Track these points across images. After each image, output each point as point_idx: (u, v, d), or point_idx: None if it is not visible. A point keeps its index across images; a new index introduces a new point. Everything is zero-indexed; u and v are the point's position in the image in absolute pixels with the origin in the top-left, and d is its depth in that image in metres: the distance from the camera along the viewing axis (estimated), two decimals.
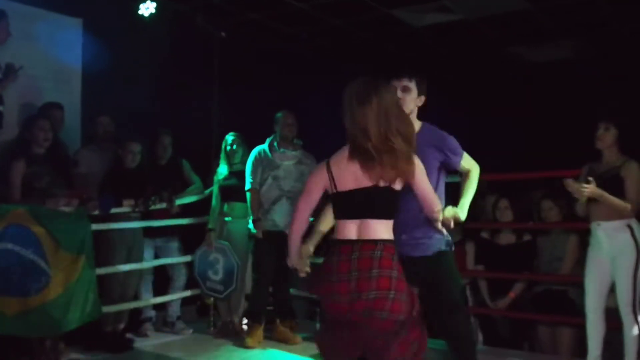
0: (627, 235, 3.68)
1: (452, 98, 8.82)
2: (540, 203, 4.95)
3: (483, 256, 5.05)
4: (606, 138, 3.82)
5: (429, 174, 2.77)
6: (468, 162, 3.26)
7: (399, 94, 3.01)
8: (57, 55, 5.10)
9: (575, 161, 4.14)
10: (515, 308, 4.87)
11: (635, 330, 3.65)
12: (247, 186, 4.86)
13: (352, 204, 2.52)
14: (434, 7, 6.32)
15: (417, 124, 3.13)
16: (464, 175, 3.28)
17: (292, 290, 5.20)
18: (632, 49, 6.98)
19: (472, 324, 5.05)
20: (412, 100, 3.12)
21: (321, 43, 7.50)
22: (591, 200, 3.79)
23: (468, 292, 5.13)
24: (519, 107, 8.23)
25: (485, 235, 5.13)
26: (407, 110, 2.95)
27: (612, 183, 3.72)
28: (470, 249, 5.13)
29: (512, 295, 4.84)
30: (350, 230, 2.51)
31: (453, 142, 3.21)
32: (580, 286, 4.09)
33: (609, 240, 3.74)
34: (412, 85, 3.14)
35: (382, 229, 2.50)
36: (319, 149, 4.86)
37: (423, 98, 3.20)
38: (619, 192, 3.70)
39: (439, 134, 3.21)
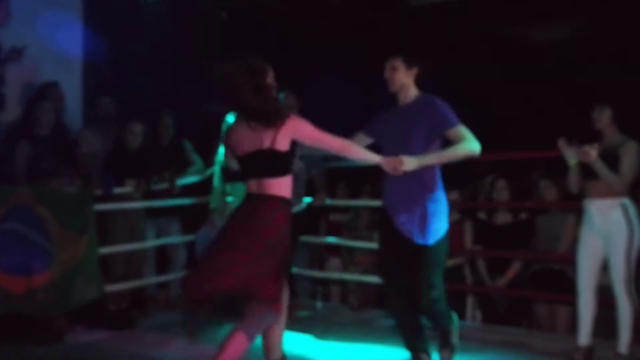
0: (619, 213, 3.71)
1: (451, 78, 8.82)
2: (538, 182, 4.98)
3: (480, 236, 5.10)
4: (602, 118, 3.84)
5: (415, 143, 3.19)
6: (462, 134, 3.25)
7: (388, 73, 3.37)
8: (57, 37, 5.10)
9: (575, 140, 4.15)
10: (514, 286, 4.93)
11: (629, 308, 3.70)
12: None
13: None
14: None
15: (413, 94, 3.40)
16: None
17: (293, 269, 5.26)
18: (632, 26, 6.94)
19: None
20: (400, 77, 3.36)
21: (323, 24, 7.48)
22: (587, 177, 3.82)
23: (467, 271, 5.19)
24: (519, 87, 8.23)
25: (482, 215, 5.17)
26: (396, 86, 3.36)
27: (609, 161, 3.75)
28: (468, 228, 5.17)
29: (511, 274, 4.90)
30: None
31: (443, 109, 3.28)
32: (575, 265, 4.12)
33: (601, 218, 3.77)
34: (399, 63, 3.36)
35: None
36: (321, 127, 4.89)
37: (415, 70, 3.40)
38: (615, 170, 3.73)
39: (430, 102, 3.32)
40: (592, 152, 3.67)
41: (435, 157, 3.24)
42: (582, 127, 4.01)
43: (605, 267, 3.84)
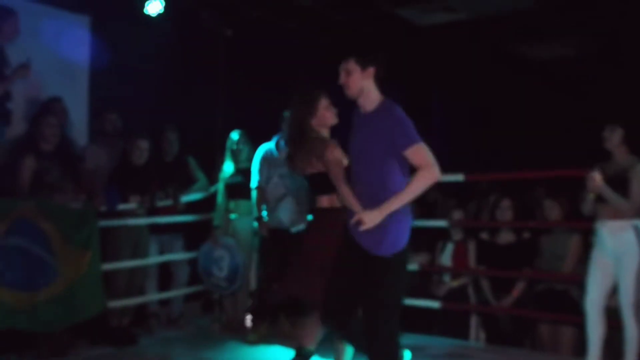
0: (631, 235, 3.70)
1: (455, 97, 8.86)
2: (542, 202, 4.97)
3: (484, 256, 5.08)
4: (613, 138, 3.84)
5: (376, 160, 3.01)
6: (418, 157, 2.96)
7: (343, 78, 3.14)
8: (64, 53, 5.13)
9: (580, 160, 4.16)
10: (517, 306, 4.91)
11: (636, 331, 3.68)
12: (254, 184, 4.90)
13: None
14: (437, 6, 6.35)
15: (375, 99, 3.12)
16: None
17: None
18: (637, 45, 6.99)
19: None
20: (356, 80, 3.11)
21: (326, 41, 7.53)
22: (598, 199, 3.82)
23: (470, 291, 5.16)
24: (522, 105, 8.26)
25: (484, 235, 5.15)
26: (353, 92, 3.11)
27: (618, 183, 3.74)
28: (471, 247, 5.16)
29: (515, 294, 4.88)
30: None
31: (405, 124, 2.99)
32: (582, 285, 4.11)
33: (613, 240, 3.76)
34: (352, 65, 3.12)
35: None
36: None
37: (372, 70, 3.12)
38: (624, 193, 3.73)
39: (392, 114, 3.04)
40: (597, 178, 3.67)
41: (397, 201, 2.93)
42: (591, 146, 4.02)
43: (614, 290, 3.83)
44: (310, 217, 3.74)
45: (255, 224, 4.93)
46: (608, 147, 3.87)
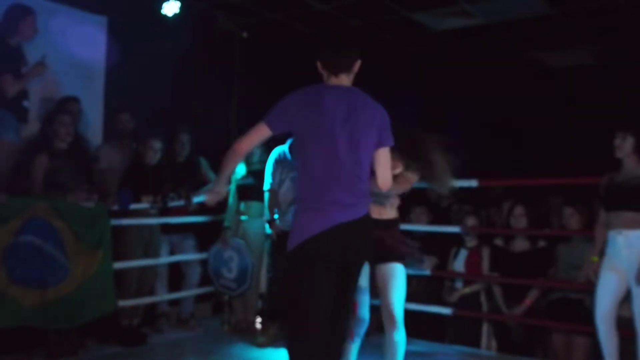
0: None
1: (471, 102, 8.81)
2: (561, 209, 4.91)
3: (497, 263, 5.03)
4: (624, 147, 3.80)
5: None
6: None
7: None
8: (81, 52, 5.16)
9: (595, 168, 4.12)
10: (530, 315, 4.85)
11: None
12: (266, 186, 4.90)
13: None
14: (454, 11, 6.32)
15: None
16: None
17: None
18: None
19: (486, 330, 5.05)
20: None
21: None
22: (611, 208, 3.77)
23: (483, 298, 5.11)
24: (539, 113, 8.19)
25: (499, 242, 5.10)
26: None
27: (634, 193, 3.69)
28: (485, 254, 5.11)
29: (528, 302, 4.82)
30: None
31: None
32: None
33: (628, 249, 3.70)
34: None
35: None
36: None
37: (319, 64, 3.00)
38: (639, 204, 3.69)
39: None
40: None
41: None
42: (608, 154, 3.98)
43: (625, 299, 3.78)
44: None
45: (267, 226, 4.92)
46: (619, 156, 3.83)
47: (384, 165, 2.89)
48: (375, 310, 3.56)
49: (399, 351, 3.35)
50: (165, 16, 5.73)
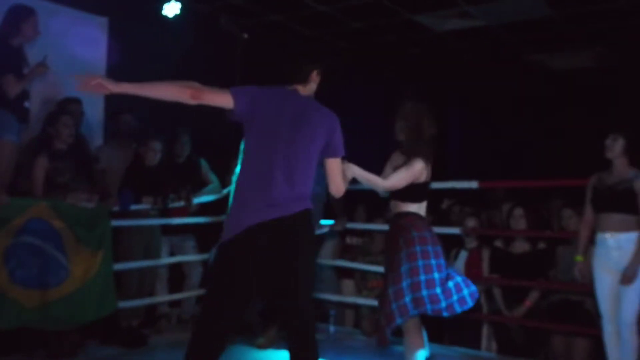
0: (636, 248, 3.67)
1: (472, 104, 8.81)
2: (560, 211, 4.91)
3: (497, 265, 5.03)
4: (614, 148, 3.82)
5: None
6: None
7: None
8: (82, 53, 5.16)
9: (594, 170, 4.12)
10: (531, 317, 4.84)
11: (634, 343, 3.64)
12: None
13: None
14: (456, 13, 6.32)
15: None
16: None
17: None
18: None
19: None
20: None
21: (343, 46, 7.52)
22: (600, 209, 3.79)
23: (483, 300, 5.11)
24: (540, 115, 8.19)
25: (499, 244, 5.11)
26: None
27: (624, 196, 3.71)
28: (485, 255, 5.11)
29: (529, 304, 4.82)
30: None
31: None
32: (595, 296, 4.06)
33: (618, 251, 3.72)
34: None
35: None
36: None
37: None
38: (631, 205, 3.70)
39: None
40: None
41: None
42: (599, 157, 3.99)
43: None
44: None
45: None
46: (609, 157, 3.84)
47: (335, 174, 2.97)
48: None
49: None
50: (166, 17, 5.74)
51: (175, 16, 5.75)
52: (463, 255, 5.17)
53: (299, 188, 2.78)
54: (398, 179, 3.52)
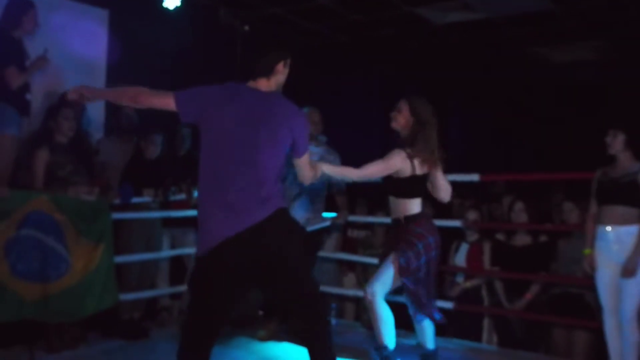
0: (636, 241, 3.66)
1: (473, 97, 8.79)
2: (561, 204, 4.91)
3: (499, 258, 5.03)
4: (615, 144, 3.82)
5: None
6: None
7: None
8: (82, 46, 5.15)
9: (595, 163, 4.12)
10: (531, 310, 4.85)
11: (636, 337, 3.64)
12: None
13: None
14: (456, 5, 6.30)
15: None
16: None
17: None
18: None
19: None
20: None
21: (343, 39, 7.50)
22: (603, 202, 3.79)
23: (484, 293, 5.12)
24: (541, 108, 8.18)
25: (500, 237, 5.11)
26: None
27: (629, 189, 3.71)
28: (487, 248, 5.11)
29: (529, 297, 4.82)
30: None
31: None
32: (596, 289, 4.07)
33: (619, 245, 3.72)
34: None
35: None
36: (339, 143, 4.88)
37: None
38: (634, 197, 3.70)
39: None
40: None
41: None
42: (600, 151, 3.99)
43: None
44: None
45: None
46: (612, 153, 3.84)
47: (303, 169, 2.99)
48: None
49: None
50: (166, 9, 5.72)
51: (176, 8, 5.73)
52: (464, 248, 5.18)
53: (264, 191, 2.66)
54: (372, 169, 3.50)
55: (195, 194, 5.09)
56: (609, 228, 3.77)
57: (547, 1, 6.05)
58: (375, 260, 5.38)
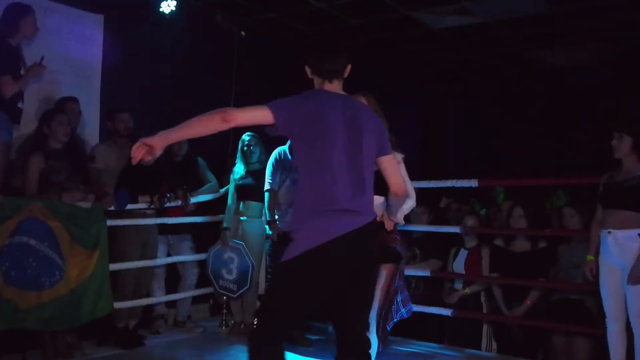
0: (637, 244, 3.63)
1: (471, 101, 8.78)
2: (561, 210, 4.88)
3: (498, 264, 5.00)
4: (621, 147, 3.78)
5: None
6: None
7: None
8: (77, 51, 5.12)
9: (595, 168, 4.09)
10: (531, 316, 4.81)
11: None
12: (266, 187, 4.86)
13: None
14: (453, 9, 6.29)
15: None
16: None
17: None
18: None
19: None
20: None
21: (340, 44, 7.48)
22: (606, 206, 3.76)
23: (483, 299, 5.08)
24: (539, 112, 8.17)
25: (499, 243, 5.08)
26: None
27: (632, 192, 3.67)
28: (485, 254, 5.08)
29: (529, 303, 4.78)
30: None
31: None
32: (596, 295, 4.03)
33: (619, 249, 3.68)
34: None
35: None
36: None
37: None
38: (637, 201, 3.66)
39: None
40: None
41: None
42: (603, 154, 3.96)
43: None
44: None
45: (267, 227, 4.88)
46: (618, 156, 3.80)
47: (393, 172, 2.83)
48: None
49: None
50: (162, 14, 5.68)
51: (172, 13, 5.70)
52: (463, 254, 5.14)
53: (368, 196, 2.67)
54: (409, 183, 3.50)
55: (192, 200, 5.05)
56: (610, 232, 3.73)
57: (544, 4, 6.03)
58: None
